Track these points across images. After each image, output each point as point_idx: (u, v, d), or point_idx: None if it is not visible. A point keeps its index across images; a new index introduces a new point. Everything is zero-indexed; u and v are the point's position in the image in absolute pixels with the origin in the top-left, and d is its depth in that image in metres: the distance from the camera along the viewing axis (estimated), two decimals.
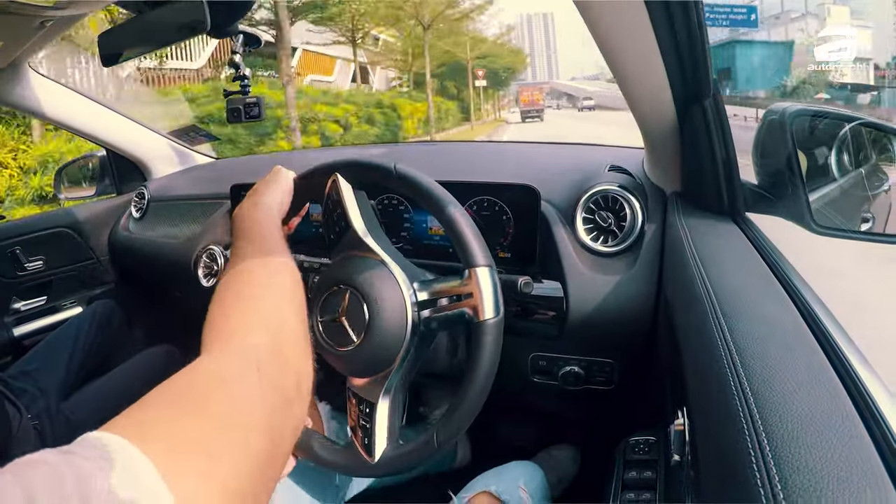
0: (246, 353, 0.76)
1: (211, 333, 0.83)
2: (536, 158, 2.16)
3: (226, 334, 0.82)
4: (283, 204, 1.20)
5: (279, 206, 1.19)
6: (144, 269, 2.84)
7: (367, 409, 1.15)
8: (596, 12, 1.04)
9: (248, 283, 0.93)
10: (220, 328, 0.84)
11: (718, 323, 0.81)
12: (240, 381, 0.70)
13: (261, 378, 0.71)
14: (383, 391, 1.14)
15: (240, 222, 1.09)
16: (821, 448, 0.52)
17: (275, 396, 0.72)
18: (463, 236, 1.08)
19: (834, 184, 1.59)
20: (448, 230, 1.10)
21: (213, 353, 0.77)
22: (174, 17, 1.33)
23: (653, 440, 1.28)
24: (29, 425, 1.93)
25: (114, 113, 2.83)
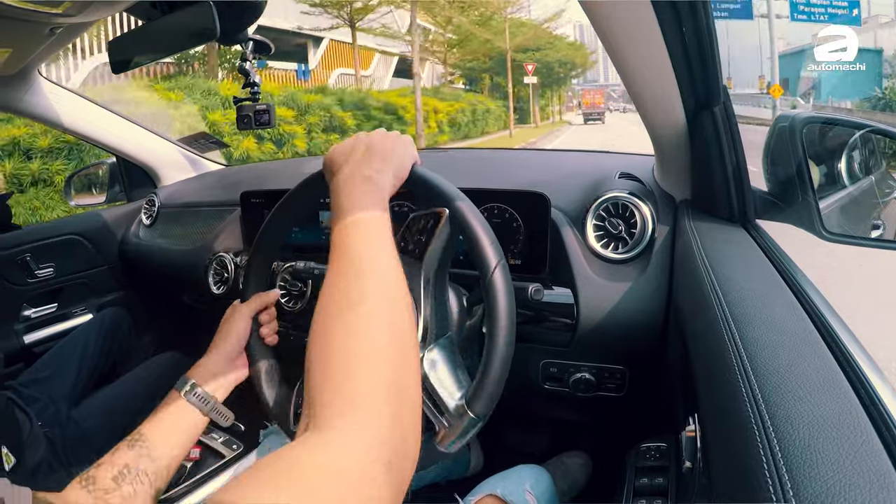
0: (370, 438, 0.65)
1: (324, 393, 0.70)
2: (547, 165, 2.16)
3: (346, 402, 0.68)
4: (394, 187, 1.06)
5: (391, 188, 1.05)
6: (154, 277, 2.84)
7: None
8: (604, 18, 1.04)
9: (372, 322, 0.78)
10: (337, 388, 0.70)
11: (729, 329, 0.81)
12: (359, 478, 0.61)
13: (388, 474, 0.62)
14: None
15: (344, 200, 0.97)
16: (832, 455, 0.52)
17: (394, 495, 0.63)
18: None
19: (844, 191, 1.59)
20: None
21: (328, 431, 0.66)
22: (183, 23, 1.33)
23: (664, 447, 1.28)
24: (39, 432, 1.94)
25: (124, 120, 2.84)
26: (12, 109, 2.36)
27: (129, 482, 1.06)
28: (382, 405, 0.68)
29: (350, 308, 0.78)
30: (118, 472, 1.06)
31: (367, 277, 0.84)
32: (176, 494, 1.95)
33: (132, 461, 1.08)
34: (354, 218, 0.93)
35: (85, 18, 1.43)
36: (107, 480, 1.05)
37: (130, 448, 1.10)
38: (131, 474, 1.07)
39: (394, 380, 0.72)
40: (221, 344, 1.27)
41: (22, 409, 1.97)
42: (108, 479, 1.05)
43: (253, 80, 1.56)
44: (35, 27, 1.51)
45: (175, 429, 1.18)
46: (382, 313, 0.79)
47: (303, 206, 1.28)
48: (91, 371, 2.38)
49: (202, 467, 2.08)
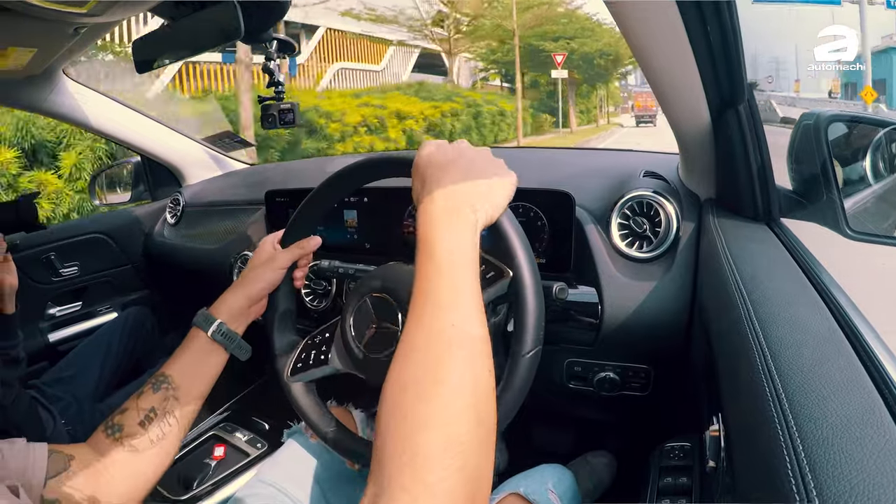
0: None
1: (393, 464, 0.66)
2: (571, 164, 2.16)
3: (419, 483, 0.64)
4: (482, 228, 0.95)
5: (480, 228, 0.95)
6: (178, 275, 2.87)
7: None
8: (628, 17, 1.04)
9: (454, 405, 0.72)
10: (408, 464, 0.66)
11: (753, 328, 0.80)
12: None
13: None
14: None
15: (442, 235, 0.88)
16: (856, 455, 0.52)
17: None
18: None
19: (869, 189, 1.58)
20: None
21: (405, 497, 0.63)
22: (208, 23, 1.34)
23: (688, 446, 1.28)
24: (63, 430, 1.96)
25: (148, 119, 2.87)
26: (38, 109, 2.39)
27: (156, 425, 1.08)
28: (457, 490, 0.65)
29: (433, 384, 0.72)
30: (144, 417, 1.08)
31: (454, 350, 0.76)
32: (202, 492, 1.96)
33: (158, 404, 1.11)
34: (450, 265, 0.85)
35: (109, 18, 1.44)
36: (133, 426, 1.07)
37: (156, 391, 1.12)
38: (158, 416, 1.09)
39: (470, 466, 0.68)
40: (250, 286, 1.28)
41: (46, 407, 1.99)
42: (134, 424, 1.07)
43: (277, 79, 1.57)
44: (60, 27, 1.52)
45: (200, 369, 1.20)
46: (466, 395, 0.73)
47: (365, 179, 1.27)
48: (115, 370, 2.41)
49: (227, 465, 2.10)
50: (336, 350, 1.25)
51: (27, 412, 1.85)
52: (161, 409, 1.10)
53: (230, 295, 1.27)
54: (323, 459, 1.37)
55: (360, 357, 1.16)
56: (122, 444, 1.05)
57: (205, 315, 1.24)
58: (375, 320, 1.13)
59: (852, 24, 11.04)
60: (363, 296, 1.17)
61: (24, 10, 1.25)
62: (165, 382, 1.13)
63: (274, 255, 1.32)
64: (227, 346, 1.23)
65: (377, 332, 1.13)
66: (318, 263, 1.60)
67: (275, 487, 1.29)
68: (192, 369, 1.19)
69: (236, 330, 1.25)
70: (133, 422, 1.07)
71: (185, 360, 1.19)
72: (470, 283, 0.84)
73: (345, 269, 1.57)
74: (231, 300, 1.26)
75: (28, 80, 2.19)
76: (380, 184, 1.24)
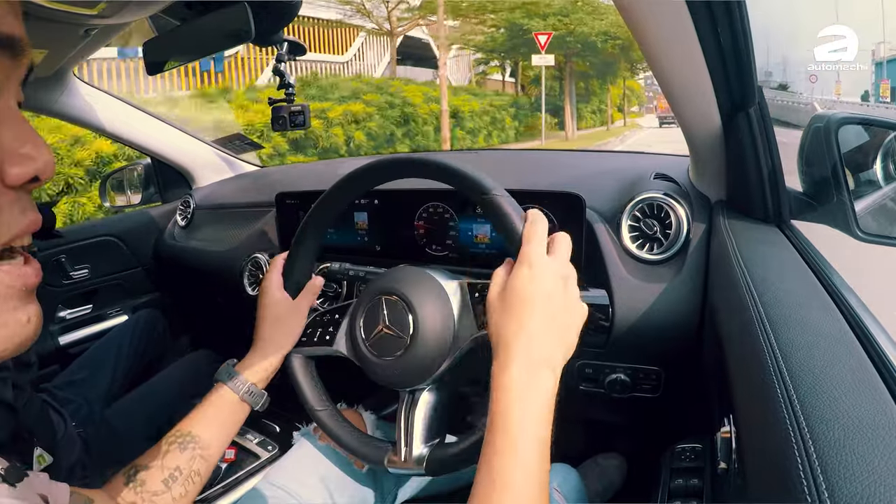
0: None
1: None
2: (582, 166, 2.16)
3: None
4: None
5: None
6: (189, 278, 2.87)
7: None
8: (639, 19, 1.04)
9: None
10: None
11: (764, 330, 0.80)
12: None
13: None
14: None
15: (525, 397, 0.87)
16: (868, 456, 0.52)
17: None
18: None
19: (880, 191, 1.57)
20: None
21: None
22: (218, 25, 1.34)
23: (699, 448, 1.28)
24: (74, 433, 1.97)
25: (158, 121, 2.87)
26: (48, 111, 2.40)
27: (180, 483, 1.08)
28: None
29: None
30: (169, 475, 1.07)
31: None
32: (213, 495, 1.97)
33: (185, 463, 1.10)
34: (525, 442, 0.84)
35: (120, 20, 1.44)
36: (157, 483, 1.06)
37: (182, 450, 1.11)
38: (183, 475, 1.09)
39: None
40: (278, 345, 1.27)
41: (57, 410, 1.99)
42: (158, 481, 1.06)
43: (288, 81, 1.58)
44: (70, 28, 1.53)
45: (227, 428, 1.20)
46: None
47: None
48: (126, 372, 2.41)
49: (238, 468, 2.10)
50: (342, 335, 1.26)
51: (38, 415, 1.86)
52: (187, 468, 1.10)
53: (259, 360, 1.26)
54: (331, 461, 1.37)
55: (365, 354, 1.18)
56: (144, 498, 1.05)
57: (230, 373, 1.23)
58: (386, 322, 1.13)
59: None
60: (374, 296, 1.17)
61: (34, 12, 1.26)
62: (193, 442, 1.13)
63: (294, 304, 1.31)
64: (253, 405, 1.24)
65: (385, 334, 1.14)
66: (329, 266, 1.61)
67: (282, 489, 1.29)
68: (219, 428, 1.19)
69: (262, 387, 1.25)
70: (157, 479, 1.07)
71: (213, 420, 1.18)
72: (540, 462, 0.85)
73: (355, 272, 1.58)
74: (262, 364, 1.25)
75: (39, 81, 2.20)
76: (390, 185, 1.24)
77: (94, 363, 2.36)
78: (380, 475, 1.42)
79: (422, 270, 1.17)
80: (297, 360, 1.31)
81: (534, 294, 0.91)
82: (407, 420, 1.16)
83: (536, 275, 0.93)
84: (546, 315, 0.91)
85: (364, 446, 1.24)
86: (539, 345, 0.89)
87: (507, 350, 0.88)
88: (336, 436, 1.27)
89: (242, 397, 1.20)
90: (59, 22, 1.41)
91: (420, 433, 1.15)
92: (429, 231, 1.74)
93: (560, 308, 0.93)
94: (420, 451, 1.14)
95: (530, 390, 0.86)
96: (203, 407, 1.19)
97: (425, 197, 1.72)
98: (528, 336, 0.89)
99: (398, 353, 1.12)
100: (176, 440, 1.13)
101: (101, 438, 2.03)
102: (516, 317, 0.90)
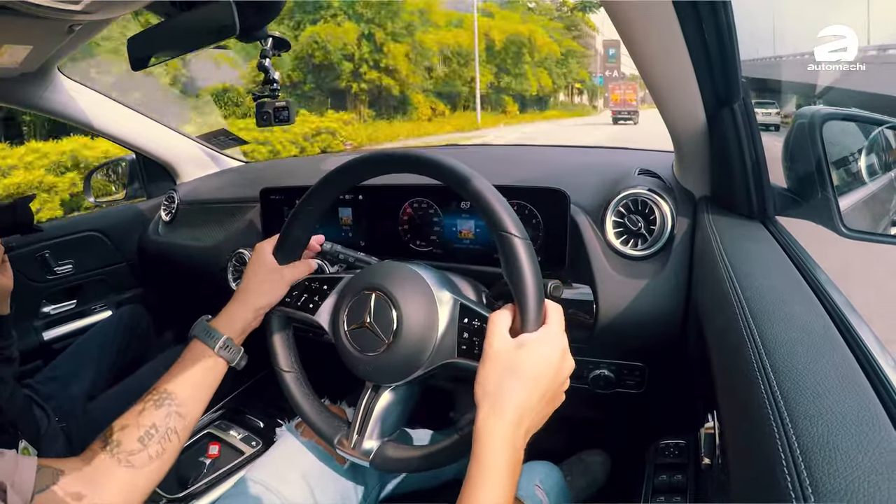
0: None
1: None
2: (566, 162, 2.16)
3: None
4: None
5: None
6: (173, 273, 2.85)
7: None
8: (624, 14, 1.04)
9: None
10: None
11: (748, 326, 0.81)
12: None
13: None
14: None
15: (499, 465, 0.89)
16: (851, 453, 0.52)
17: None
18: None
19: (864, 187, 1.58)
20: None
21: None
22: (203, 20, 1.33)
23: (683, 444, 1.28)
24: (57, 427, 1.97)
25: (143, 116, 2.86)
26: (33, 106, 2.39)
27: (157, 441, 1.07)
28: None
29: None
30: (144, 433, 1.06)
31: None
32: (196, 490, 1.97)
33: (160, 420, 1.09)
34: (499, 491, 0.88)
35: (104, 16, 1.43)
36: (133, 442, 1.05)
37: (158, 407, 1.10)
38: (159, 433, 1.08)
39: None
40: (257, 299, 1.26)
41: (40, 405, 1.99)
42: (133, 440, 1.05)
43: (272, 77, 1.57)
44: (55, 25, 1.52)
45: (204, 384, 1.19)
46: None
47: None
48: (109, 368, 2.40)
49: (221, 464, 2.10)
50: (326, 310, 1.26)
51: (22, 409, 1.85)
52: (163, 425, 1.09)
53: (238, 309, 1.25)
54: (312, 456, 1.36)
55: (344, 343, 1.18)
56: (119, 459, 1.03)
57: (206, 328, 1.22)
58: (370, 319, 1.13)
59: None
60: (363, 289, 1.17)
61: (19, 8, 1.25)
62: (169, 399, 1.12)
63: (280, 270, 1.29)
64: (230, 360, 1.22)
65: (367, 330, 1.13)
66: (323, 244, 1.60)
67: (263, 485, 1.29)
68: (195, 384, 1.17)
69: (238, 342, 1.24)
70: (132, 438, 1.06)
71: (188, 376, 1.17)
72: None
73: (345, 255, 1.57)
74: (238, 315, 1.24)
75: (23, 77, 2.19)
76: (375, 181, 1.23)
77: (78, 358, 2.36)
78: (362, 471, 1.42)
79: (416, 273, 1.16)
80: (276, 319, 1.31)
81: (537, 369, 0.94)
82: (366, 410, 1.16)
83: (545, 349, 0.96)
84: (541, 391, 0.94)
85: (320, 419, 1.24)
86: (527, 419, 0.93)
87: (502, 415, 0.91)
88: (295, 401, 1.27)
89: (218, 352, 1.19)
90: (44, 18, 1.40)
91: (374, 426, 1.16)
92: (413, 226, 1.74)
93: (555, 383, 0.96)
94: (370, 444, 1.15)
95: (510, 458, 0.89)
96: (179, 364, 1.19)
97: (410, 192, 1.72)
98: (522, 409, 0.92)
99: (375, 351, 1.12)
100: (152, 398, 1.12)
101: (83, 433, 2.02)
102: (516, 386, 0.92)
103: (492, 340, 0.96)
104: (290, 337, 1.33)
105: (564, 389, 1.00)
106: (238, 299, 1.26)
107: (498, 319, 0.99)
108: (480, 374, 0.95)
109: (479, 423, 0.91)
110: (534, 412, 0.93)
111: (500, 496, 0.86)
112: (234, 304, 1.26)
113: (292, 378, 1.29)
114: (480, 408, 0.92)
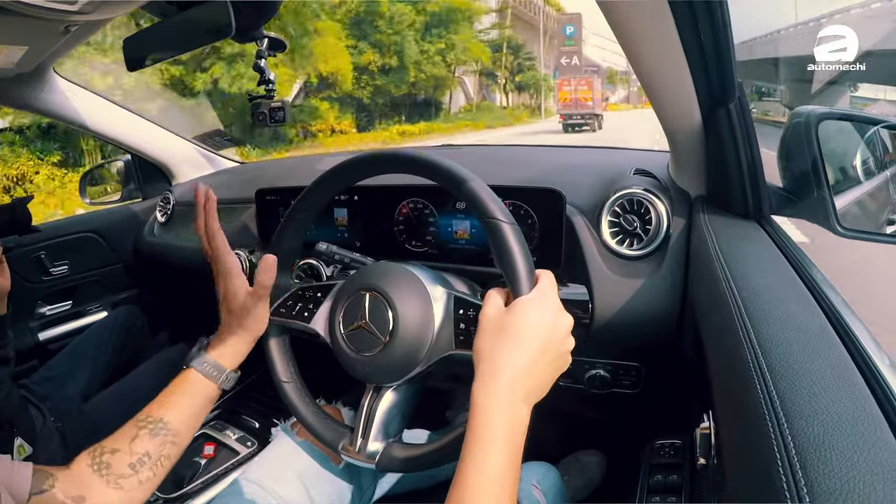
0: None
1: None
2: (562, 162, 2.16)
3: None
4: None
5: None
6: (168, 274, 2.85)
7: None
8: (620, 14, 1.04)
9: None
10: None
11: (744, 325, 0.80)
12: None
13: None
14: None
15: (500, 428, 0.89)
16: (847, 452, 0.52)
17: None
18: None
19: (860, 186, 1.58)
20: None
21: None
22: (199, 20, 1.33)
23: (678, 444, 1.28)
24: (52, 427, 1.97)
25: (138, 117, 2.86)
26: (29, 107, 2.38)
27: (148, 468, 1.07)
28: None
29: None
30: (137, 460, 1.06)
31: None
32: (192, 490, 1.96)
33: (154, 449, 1.08)
34: (496, 461, 0.87)
35: (100, 16, 1.43)
36: (123, 467, 1.04)
37: (153, 436, 1.09)
38: (152, 460, 1.07)
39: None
40: (254, 325, 1.24)
41: (35, 405, 1.99)
42: (124, 465, 1.05)
43: (268, 77, 1.57)
44: (50, 25, 1.52)
45: (201, 415, 1.18)
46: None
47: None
48: (105, 368, 2.41)
49: (217, 464, 2.10)
50: (321, 316, 1.26)
51: (18, 409, 1.85)
52: (156, 453, 1.08)
53: (235, 340, 1.23)
54: (308, 456, 1.36)
55: (340, 345, 1.18)
56: (107, 481, 1.02)
57: (206, 360, 1.20)
58: (365, 319, 1.13)
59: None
60: (358, 290, 1.17)
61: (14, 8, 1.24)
62: (165, 429, 1.11)
63: (255, 294, 1.25)
64: (227, 388, 1.22)
65: (363, 330, 1.14)
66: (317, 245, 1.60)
67: (258, 485, 1.28)
68: (192, 415, 1.16)
69: (232, 367, 1.23)
70: (123, 463, 1.05)
71: (184, 406, 1.16)
72: (508, 488, 0.88)
73: (341, 256, 1.57)
74: (237, 346, 1.23)
75: (19, 78, 2.18)
76: (370, 182, 1.23)
77: (74, 359, 2.36)
78: (357, 471, 1.42)
79: (409, 272, 1.17)
80: (272, 329, 1.31)
81: (530, 328, 0.93)
82: (368, 412, 1.16)
83: (536, 308, 0.95)
84: (537, 352, 0.93)
85: (322, 426, 1.24)
86: (523, 382, 0.91)
87: (494, 377, 0.90)
88: (297, 410, 1.27)
89: (220, 386, 1.19)
90: (39, 19, 1.40)
91: (378, 428, 1.16)
92: (409, 227, 1.74)
93: (552, 343, 0.96)
94: (374, 446, 1.15)
95: (506, 424, 0.89)
96: (174, 393, 1.17)
97: (405, 193, 1.72)
98: (516, 370, 0.90)
99: (373, 351, 1.12)
100: (147, 425, 1.10)
101: (78, 433, 2.02)
102: (509, 347, 0.92)
103: (486, 310, 0.97)
104: (287, 346, 1.33)
105: (567, 350, 0.99)
106: (232, 330, 1.24)
107: (492, 293, 0.99)
108: (475, 343, 0.95)
109: (473, 390, 0.90)
110: (531, 374, 0.92)
111: (500, 463, 0.85)
112: (228, 334, 1.24)
113: (292, 388, 1.29)
114: (476, 376, 0.92)
